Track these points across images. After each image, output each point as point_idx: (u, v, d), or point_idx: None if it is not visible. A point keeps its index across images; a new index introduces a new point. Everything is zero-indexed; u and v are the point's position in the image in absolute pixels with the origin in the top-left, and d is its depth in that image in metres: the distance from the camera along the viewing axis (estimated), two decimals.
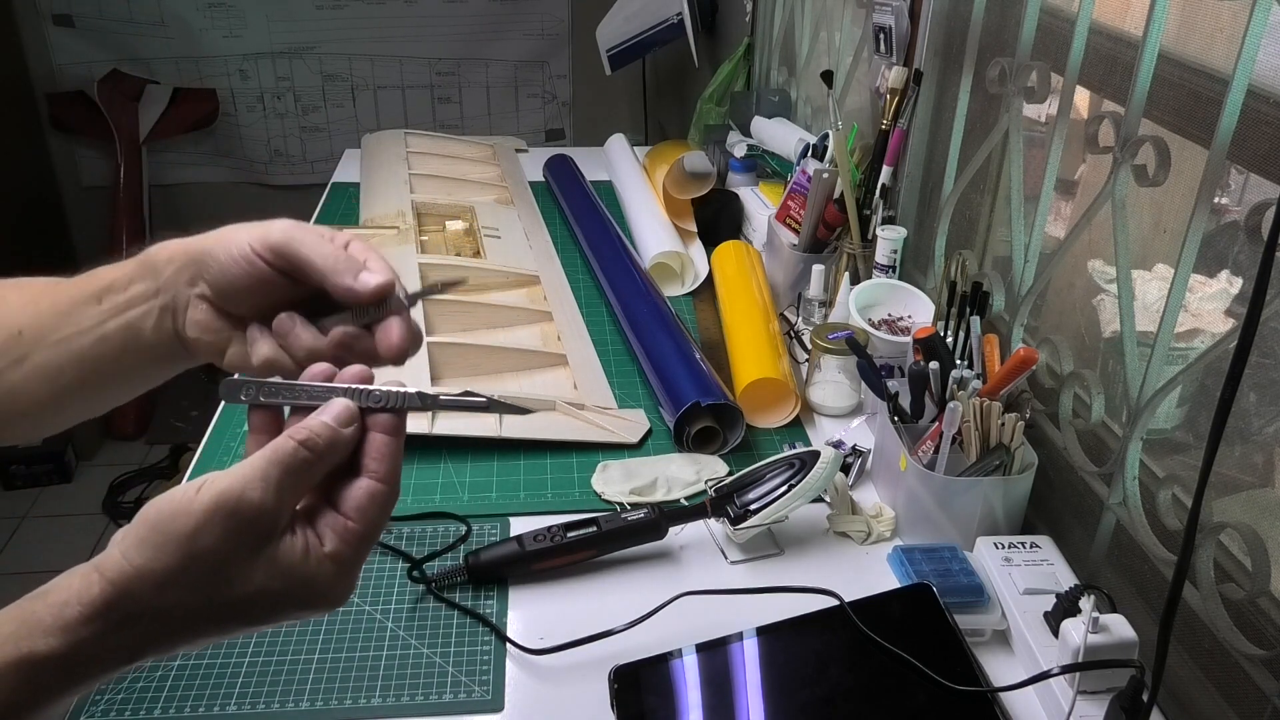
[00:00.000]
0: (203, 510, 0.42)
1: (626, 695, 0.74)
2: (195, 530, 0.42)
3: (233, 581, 0.43)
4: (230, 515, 0.43)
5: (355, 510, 0.46)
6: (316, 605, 0.46)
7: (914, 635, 0.76)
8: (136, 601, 0.42)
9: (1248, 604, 0.71)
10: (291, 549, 0.44)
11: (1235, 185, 0.81)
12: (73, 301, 0.55)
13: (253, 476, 0.43)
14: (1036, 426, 0.97)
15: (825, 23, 1.67)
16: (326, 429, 0.46)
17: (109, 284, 0.54)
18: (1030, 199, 1.01)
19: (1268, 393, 0.75)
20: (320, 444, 0.45)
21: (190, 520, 0.42)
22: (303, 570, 0.44)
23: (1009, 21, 1.07)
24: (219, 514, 0.42)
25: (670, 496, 0.98)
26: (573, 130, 3.21)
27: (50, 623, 0.41)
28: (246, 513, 0.43)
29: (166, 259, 0.54)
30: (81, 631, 0.41)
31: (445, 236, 1.48)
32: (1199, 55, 0.80)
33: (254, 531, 0.43)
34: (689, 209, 1.55)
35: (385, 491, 0.47)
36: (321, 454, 0.45)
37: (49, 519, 2.58)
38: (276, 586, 0.44)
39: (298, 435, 0.45)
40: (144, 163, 2.90)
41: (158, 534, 0.42)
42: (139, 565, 0.42)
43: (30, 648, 0.41)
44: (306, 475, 0.45)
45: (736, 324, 1.21)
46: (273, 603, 0.45)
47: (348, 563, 0.46)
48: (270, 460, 0.44)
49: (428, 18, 2.97)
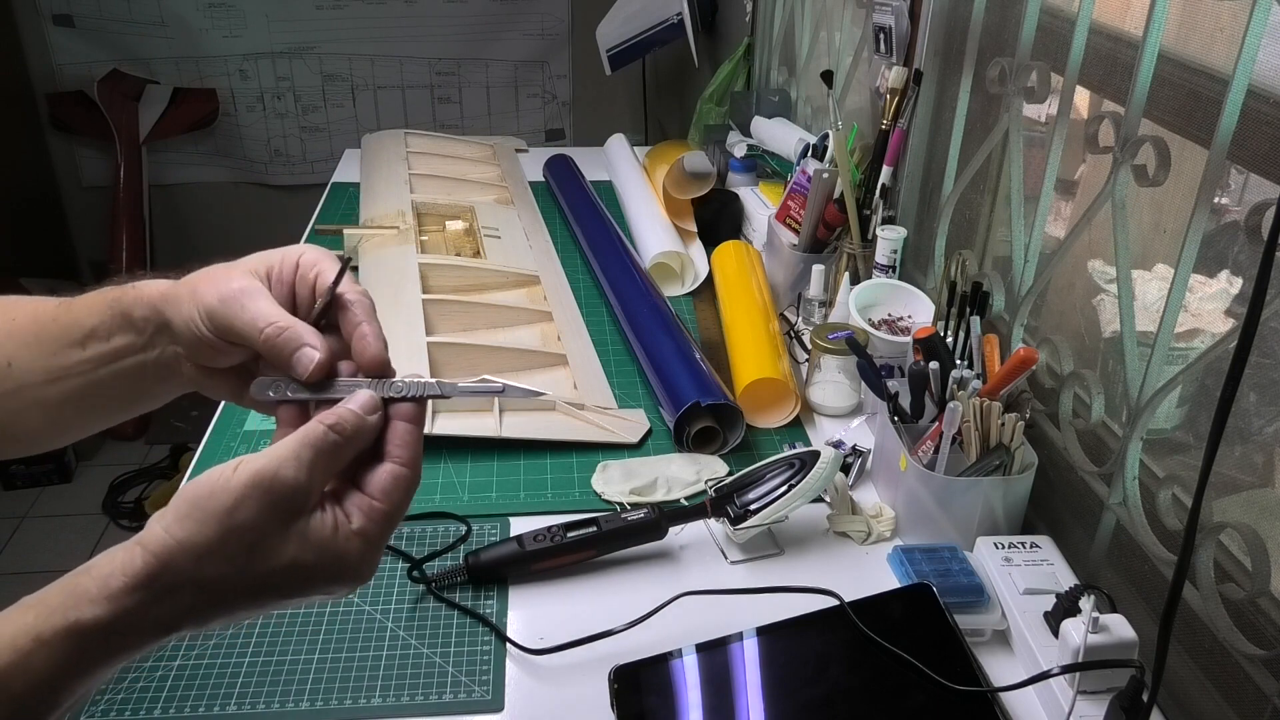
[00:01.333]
0: (240, 487, 0.45)
1: (626, 695, 0.74)
2: (233, 505, 0.45)
3: (267, 554, 0.46)
4: (266, 491, 0.45)
5: (380, 491, 0.49)
6: (343, 579, 0.48)
7: (914, 635, 0.76)
8: (177, 573, 0.44)
9: (1248, 604, 0.71)
10: (322, 524, 0.47)
11: (1235, 185, 0.81)
12: (57, 342, 0.56)
13: (286, 456, 0.46)
14: (1036, 426, 0.97)
15: (825, 23, 1.67)
16: (353, 415, 0.49)
17: (90, 330, 0.56)
18: (1030, 199, 1.01)
19: (1268, 393, 0.75)
20: (347, 428, 0.48)
21: (228, 496, 0.45)
22: (332, 545, 0.47)
23: (1009, 21, 1.07)
24: (255, 490, 0.45)
25: (670, 496, 0.98)
26: (573, 130, 3.21)
27: (96, 593, 0.43)
28: (280, 489, 0.46)
29: (143, 318, 0.55)
30: (125, 601, 0.44)
31: (445, 236, 1.48)
32: (1199, 55, 0.80)
33: (287, 507, 0.46)
34: (689, 209, 1.55)
35: (408, 475, 0.50)
36: (349, 437, 0.49)
37: (49, 519, 2.58)
38: (308, 559, 0.47)
39: (327, 420, 0.48)
40: (144, 163, 2.90)
41: (198, 510, 0.45)
42: (180, 538, 0.45)
43: (77, 616, 0.43)
44: (335, 457, 0.48)
45: (736, 324, 1.21)
46: (304, 576, 0.47)
47: (373, 539, 0.49)
48: (302, 442, 0.47)
49: (428, 18, 2.97)
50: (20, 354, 0.56)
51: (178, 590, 0.45)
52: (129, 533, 2.76)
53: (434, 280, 1.28)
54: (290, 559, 0.46)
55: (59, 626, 0.43)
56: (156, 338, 0.55)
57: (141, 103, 2.89)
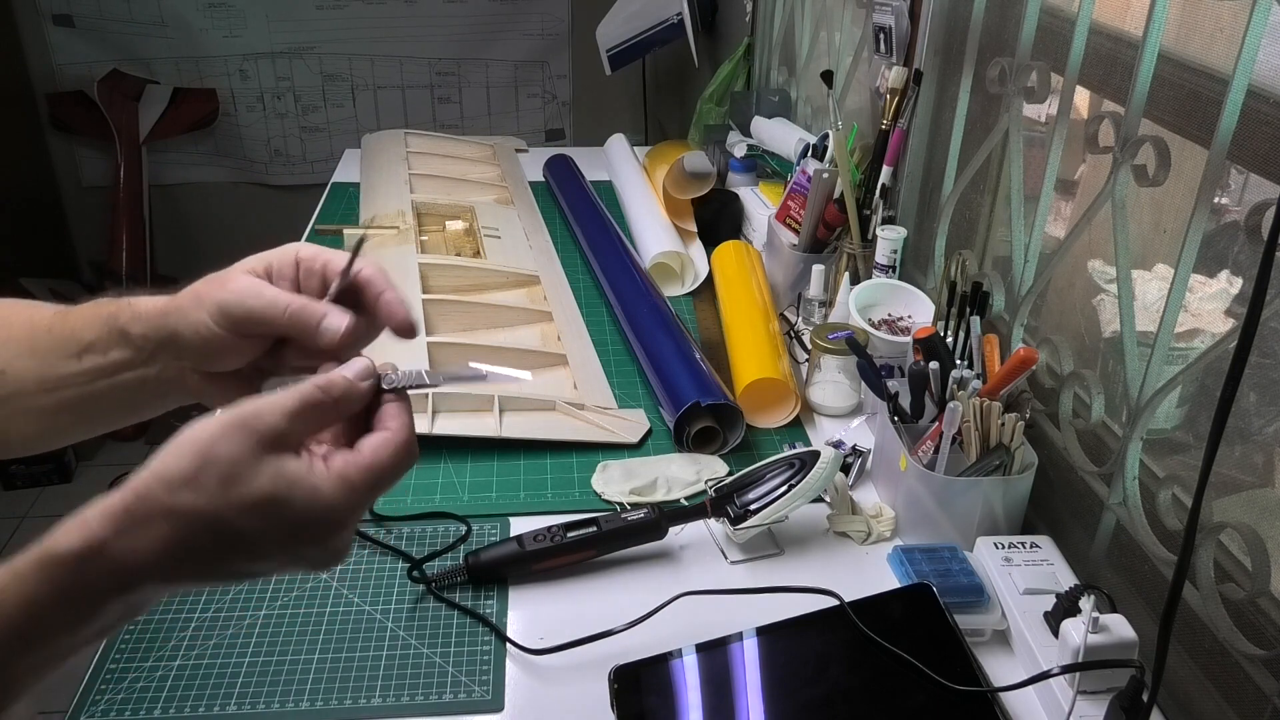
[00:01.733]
0: (220, 423, 0.46)
1: (626, 695, 0.74)
2: (211, 439, 0.46)
3: (240, 485, 0.45)
4: (244, 427, 0.46)
5: (368, 447, 0.49)
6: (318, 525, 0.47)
7: (914, 635, 0.76)
8: (150, 502, 0.45)
9: (1248, 604, 0.71)
10: (298, 463, 0.47)
11: (1235, 185, 0.81)
12: (52, 352, 0.57)
13: (272, 402, 0.47)
14: (1036, 426, 0.97)
15: (825, 23, 1.68)
16: (344, 379, 0.50)
17: (86, 344, 0.56)
18: (1030, 199, 1.01)
19: (1268, 393, 0.75)
20: (336, 390, 0.50)
21: (207, 431, 0.46)
22: (306, 481, 0.46)
23: (1009, 21, 1.07)
24: (234, 427, 0.46)
25: (670, 496, 0.98)
26: (573, 130, 3.21)
27: (71, 525, 0.44)
28: (259, 427, 0.46)
29: (141, 335, 0.55)
30: (97, 529, 0.44)
31: (445, 236, 1.48)
32: (1199, 55, 0.80)
33: (265, 443, 0.46)
34: (689, 209, 1.55)
35: (397, 441, 0.50)
36: (336, 399, 0.49)
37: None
38: (281, 493, 0.46)
39: (318, 381, 0.50)
40: (144, 163, 2.90)
41: (178, 442, 0.46)
42: (155, 469, 0.46)
43: (50, 546, 0.44)
44: (319, 413, 0.49)
45: (736, 324, 1.21)
46: (277, 515, 0.46)
47: (351, 485, 0.48)
48: (290, 394, 0.48)
49: (428, 18, 2.97)
50: (14, 362, 0.57)
51: (151, 520, 0.45)
52: None
53: (434, 280, 1.28)
54: (263, 492, 0.45)
55: (32, 558, 0.43)
56: (158, 354, 0.56)
57: (141, 103, 2.89)
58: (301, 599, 0.85)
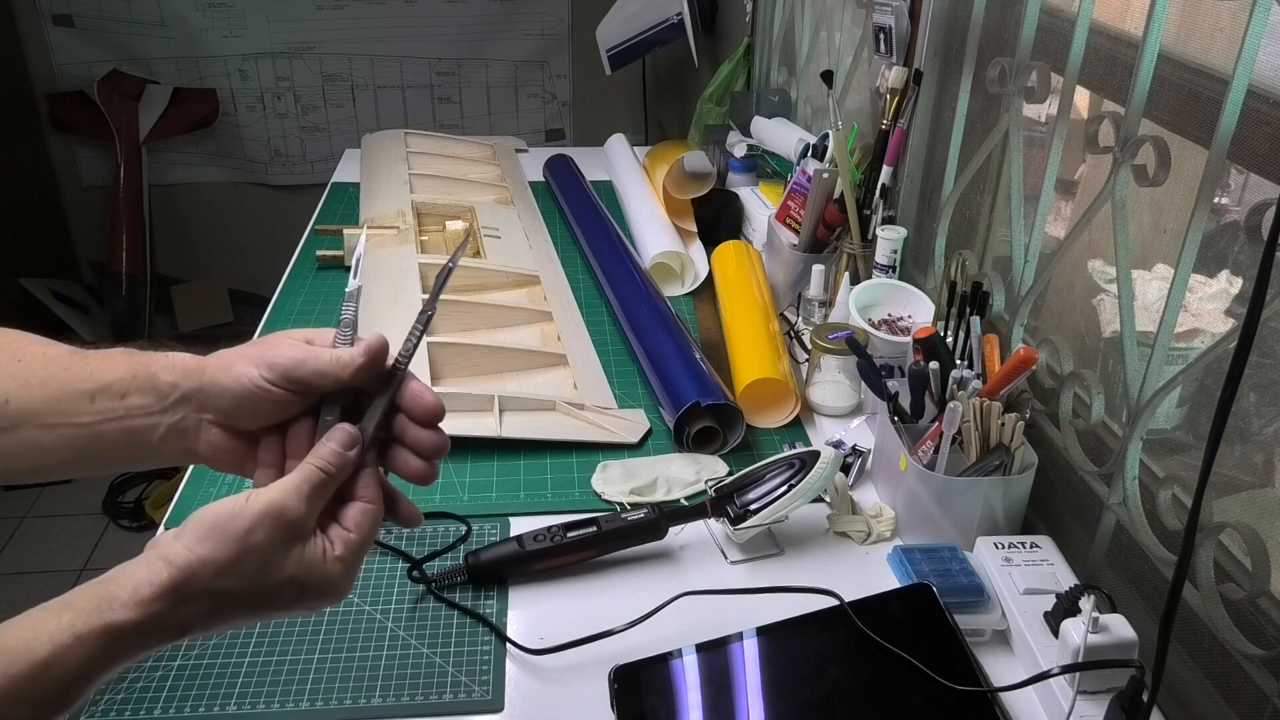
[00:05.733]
0: (254, 515, 0.54)
1: (626, 695, 0.74)
2: (248, 529, 0.54)
3: (273, 571, 0.55)
4: (276, 519, 0.55)
5: (354, 525, 0.59)
6: (327, 595, 0.58)
7: (914, 635, 0.77)
8: (197, 584, 0.52)
9: (1248, 604, 0.71)
10: (315, 549, 0.57)
11: (1235, 185, 0.81)
12: (63, 389, 0.59)
13: (290, 490, 0.56)
14: (1036, 426, 0.97)
15: (825, 23, 1.67)
16: (337, 454, 0.58)
17: (104, 385, 0.59)
18: (1030, 199, 1.01)
19: (1268, 393, 0.75)
20: (333, 467, 0.58)
21: (245, 521, 0.54)
22: (321, 567, 0.57)
23: (1009, 21, 1.07)
24: (267, 519, 0.54)
25: (670, 496, 0.98)
26: (573, 130, 3.21)
27: (127, 599, 0.50)
28: (288, 518, 0.55)
29: (170, 383, 0.60)
30: (153, 607, 0.51)
31: (445, 236, 1.48)
32: (1199, 55, 0.80)
33: (291, 532, 0.55)
34: (689, 209, 1.54)
35: (373, 510, 0.60)
36: (334, 473, 0.58)
37: (49, 519, 2.58)
38: (303, 576, 0.56)
39: (317, 462, 0.58)
40: (144, 163, 2.90)
41: (218, 531, 0.53)
42: (202, 555, 0.53)
43: (112, 619, 0.50)
44: (326, 489, 0.58)
45: (736, 324, 1.21)
46: (298, 591, 0.56)
47: (350, 564, 0.59)
48: (302, 479, 0.57)
49: (428, 18, 2.97)
50: (21, 395, 0.59)
51: (196, 598, 0.52)
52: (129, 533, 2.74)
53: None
54: (289, 575, 0.55)
55: (95, 626, 0.49)
56: (181, 404, 0.60)
57: (141, 103, 2.89)
58: None
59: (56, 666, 0.48)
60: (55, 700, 0.48)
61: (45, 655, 0.48)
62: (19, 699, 0.47)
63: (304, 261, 1.49)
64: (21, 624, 0.49)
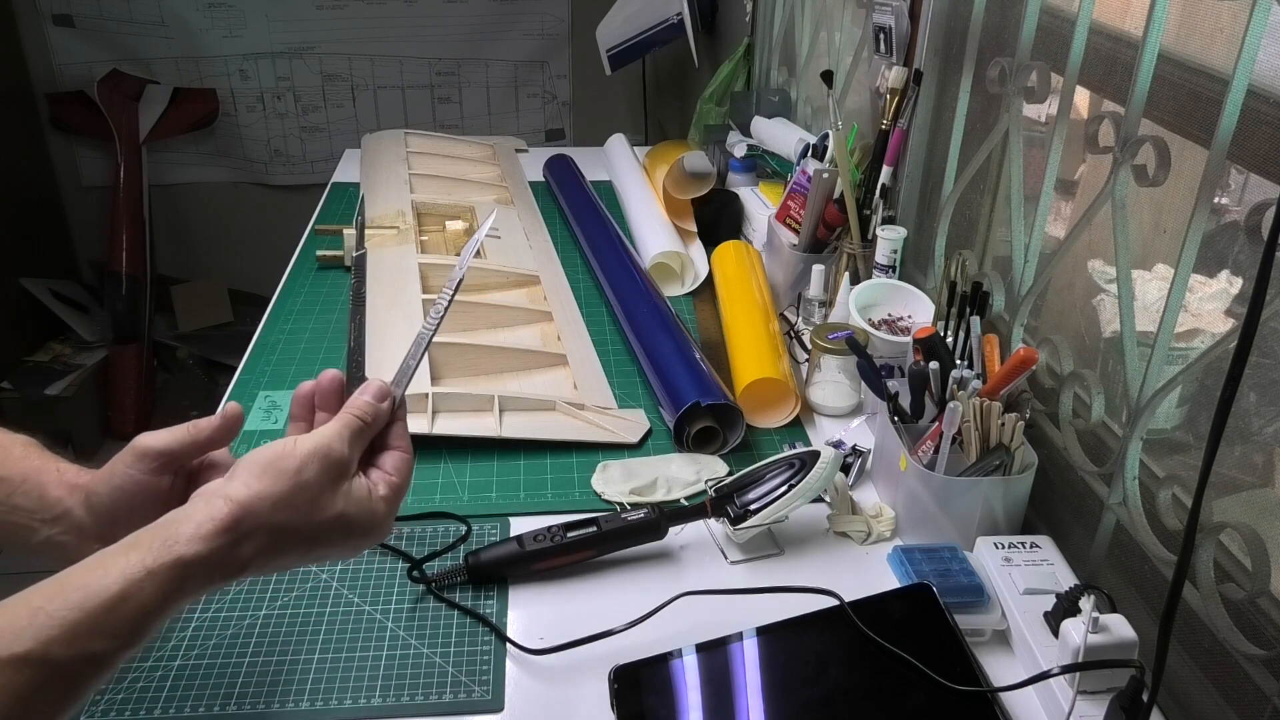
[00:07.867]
0: (304, 454, 0.59)
1: (626, 695, 0.74)
2: (300, 466, 0.58)
3: (324, 506, 0.59)
4: (324, 458, 0.59)
5: (393, 468, 0.65)
6: (371, 534, 0.62)
7: (914, 635, 0.77)
8: (256, 518, 0.56)
9: (1248, 604, 0.71)
10: (360, 487, 0.62)
11: (1235, 185, 0.81)
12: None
13: (334, 434, 0.61)
14: (1036, 426, 0.97)
15: (825, 23, 1.68)
16: (372, 406, 0.64)
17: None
18: (1030, 199, 1.01)
19: (1268, 393, 0.75)
20: (369, 415, 0.64)
21: (296, 460, 0.58)
22: (368, 503, 0.61)
23: (1009, 21, 1.07)
24: (316, 457, 0.59)
25: (670, 496, 0.98)
26: (573, 130, 3.21)
27: (192, 534, 0.54)
28: (334, 457, 0.60)
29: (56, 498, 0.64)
30: (215, 541, 0.55)
31: (445, 236, 1.48)
32: (1199, 55, 0.80)
33: (338, 471, 0.60)
34: (689, 209, 1.55)
35: (409, 458, 0.66)
36: (372, 422, 0.64)
37: None
38: (351, 513, 0.60)
39: (355, 411, 0.63)
40: (144, 163, 2.90)
41: (271, 468, 0.58)
42: (258, 490, 0.57)
43: (180, 552, 0.53)
44: (365, 436, 0.63)
45: (736, 324, 1.21)
46: (345, 529, 0.60)
47: (391, 505, 0.64)
48: (342, 424, 0.62)
49: (428, 18, 2.97)
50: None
51: (255, 533, 0.56)
52: None
53: (434, 280, 1.28)
54: (338, 511, 0.59)
55: (166, 561, 0.53)
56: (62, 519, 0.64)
57: (141, 103, 2.89)
58: (301, 599, 0.85)
59: (130, 600, 0.51)
60: (130, 633, 0.51)
61: (119, 589, 0.51)
62: (98, 630, 0.50)
63: (304, 261, 1.49)
64: (88, 565, 0.53)
